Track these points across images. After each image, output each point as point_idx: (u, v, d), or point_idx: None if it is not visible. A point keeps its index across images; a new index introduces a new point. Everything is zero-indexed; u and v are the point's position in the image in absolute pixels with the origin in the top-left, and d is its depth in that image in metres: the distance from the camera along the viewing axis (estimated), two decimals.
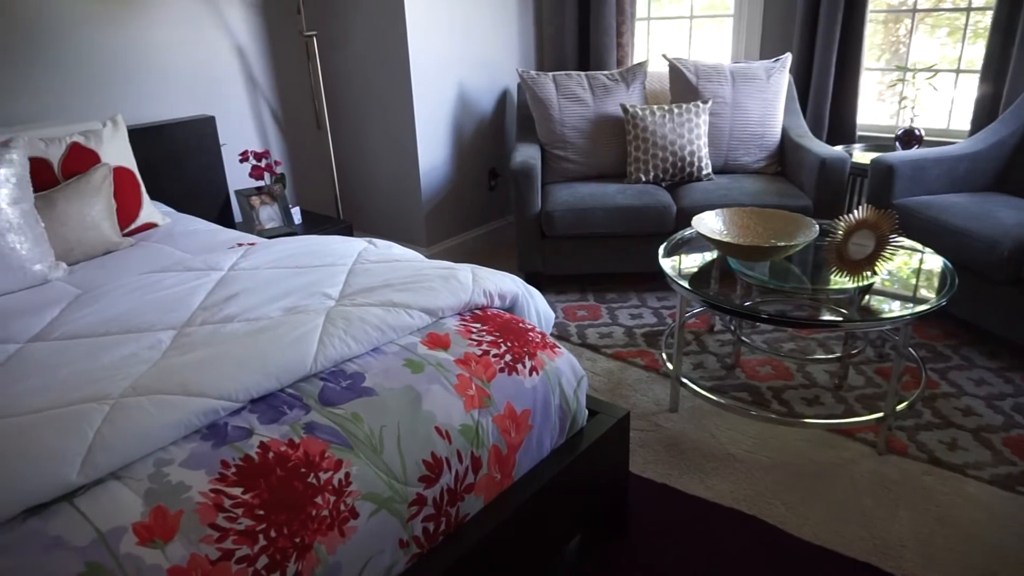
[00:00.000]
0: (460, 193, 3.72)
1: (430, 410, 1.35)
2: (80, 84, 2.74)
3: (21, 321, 1.58)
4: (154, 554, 1.02)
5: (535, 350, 1.58)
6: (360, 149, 3.68)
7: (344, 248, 1.92)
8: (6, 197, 1.93)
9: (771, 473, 2.04)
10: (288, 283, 1.68)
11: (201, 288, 1.69)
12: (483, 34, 3.61)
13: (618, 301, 3.18)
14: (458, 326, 1.57)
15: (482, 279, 1.70)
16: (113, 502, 1.07)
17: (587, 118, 3.36)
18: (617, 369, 2.63)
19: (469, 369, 1.46)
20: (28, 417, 1.18)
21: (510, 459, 1.45)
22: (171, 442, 1.18)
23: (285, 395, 1.31)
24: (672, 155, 3.19)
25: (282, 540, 1.10)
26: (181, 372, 1.27)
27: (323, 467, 1.19)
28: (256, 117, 3.40)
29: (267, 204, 3.11)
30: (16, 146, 2.00)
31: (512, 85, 3.88)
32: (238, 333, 1.42)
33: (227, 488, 1.12)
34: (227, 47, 3.21)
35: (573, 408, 1.60)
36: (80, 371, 1.32)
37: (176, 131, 2.92)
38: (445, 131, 3.54)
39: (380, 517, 1.21)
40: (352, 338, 1.41)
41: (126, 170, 2.42)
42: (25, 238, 1.96)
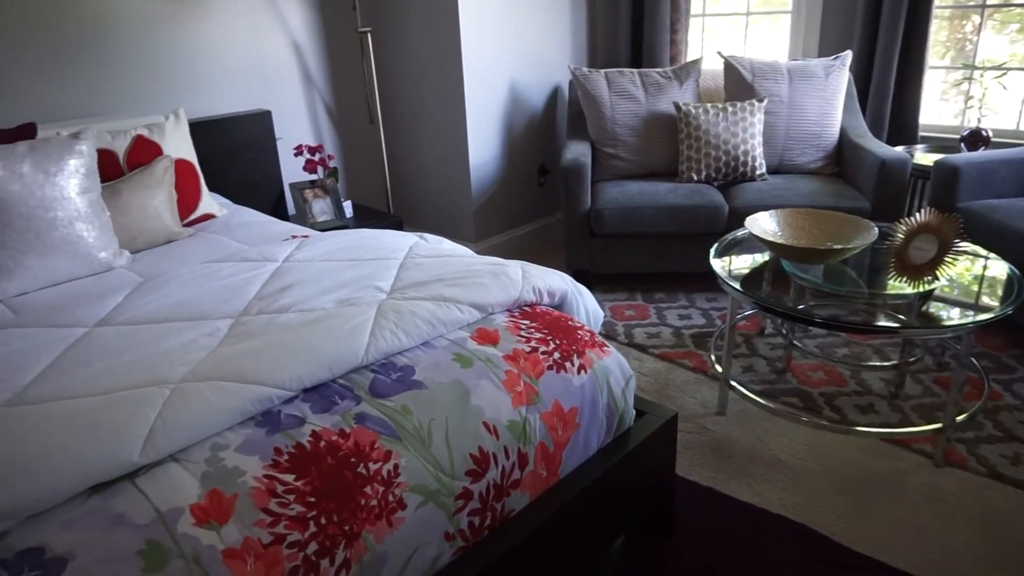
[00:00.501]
0: (509, 189, 3.73)
1: (478, 405, 1.36)
2: (145, 79, 2.83)
3: (89, 306, 1.64)
4: (210, 535, 1.05)
5: (584, 348, 1.57)
6: (411, 144, 3.72)
7: (396, 242, 1.94)
8: (76, 187, 2.00)
9: (821, 481, 2.00)
10: (341, 276, 1.70)
11: (257, 278, 1.73)
12: (535, 31, 3.61)
13: (667, 301, 3.14)
14: (507, 322, 1.58)
15: (532, 276, 1.70)
16: (172, 483, 1.11)
17: (639, 116, 3.33)
18: (664, 370, 2.61)
19: (518, 365, 1.46)
20: (95, 398, 1.23)
21: (556, 457, 1.45)
22: (227, 427, 1.22)
23: (337, 386, 1.34)
24: (725, 154, 3.14)
25: (332, 527, 1.12)
26: (238, 360, 1.30)
27: (372, 457, 1.21)
28: (311, 112, 3.47)
29: (320, 197, 3.16)
30: (85, 138, 2.08)
31: (564, 82, 3.86)
32: (292, 323, 1.45)
33: (280, 474, 1.14)
34: (285, 43, 3.27)
35: (621, 408, 1.59)
36: (143, 356, 1.37)
37: (234, 125, 2.99)
38: (496, 127, 3.55)
39: (427, 509, 1.22)
40: (403, 331, 1.43)
41: (187, 162, 2.49)
42: (92, 226, 2.03)
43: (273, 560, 1.06)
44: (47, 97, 2.60)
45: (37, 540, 1.00)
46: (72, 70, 2.63)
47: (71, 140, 2.05)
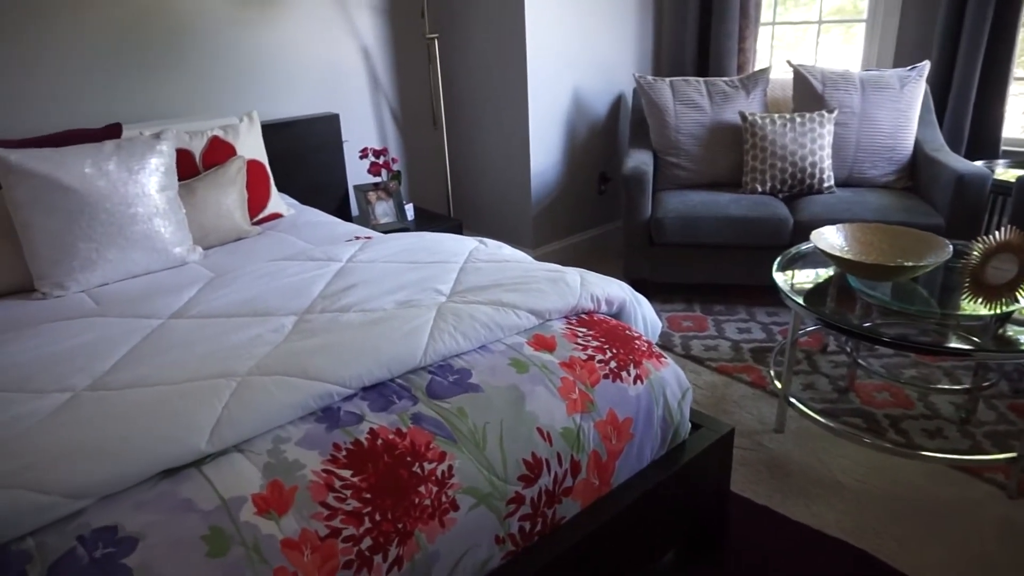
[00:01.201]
0: (569, 196, 3.73)
1: (533, 411, 1.36)
2: (222, 82, 2.94)
3: (164, 298, 1.72)
4: (269, 525, 1.08)
5: (640, 358, 1.56)
6: (473, 149, 3.76)
7: (456, 246, 1.97)
8: (155, 184, 2.10)
9: (883, 506, 1.93)
10: (402, 277, 1.74)
11: (321, 278, 1.78)
12: (601, 38, 3.60)
13: (725, 314, 3.09)
14: (564, 329, 1.58)
15: (590, 283, 1.70)
16: (235, 473, 1.15)
17: (703, 125, 3.29)
18: (721, 383, 2.56)
19: (573, 373, 1.46)
20: (168, 387, 1.28)
21: (609, 466, 1.44)
22: (289, 421, 1.26)
23: (395, 385, 1.36)
24: (792, 166, 3.07)
25: (386, 524, 1.14)
26: (301, 356, 1.34)
27: (428, 458, 1.23)
28: (377, 115, 3.54)
29: (383, 200, 3.23)
30: (166, 138, 2.18)
31: (627, 89, 3.85)
32: (354, 323, 1.49)
33: (338, 470, 1.17)
34: (354, 48, 3.36)
35: (676, 420, 1.57)
36: (213, 348, 1.42)
37: (303, 127, 3.08)
38: (557, 134, 3.56)
39: (479, 512, 1.24)
40: (461, 334, 1.45)
41: (258, 163, 2.58)
42: (169, 222, 2.12)
43: (329, 553, 1.09)
44: (132, 98, 2.73)
45: (111, 519, 1.06)
46: (155, 73, 2.76)
47: (153, 140, 2.15)
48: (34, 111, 2.52)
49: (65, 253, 1.97)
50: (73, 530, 1.04)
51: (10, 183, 1.94)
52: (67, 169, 1.98)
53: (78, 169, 1.99)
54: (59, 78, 2.55)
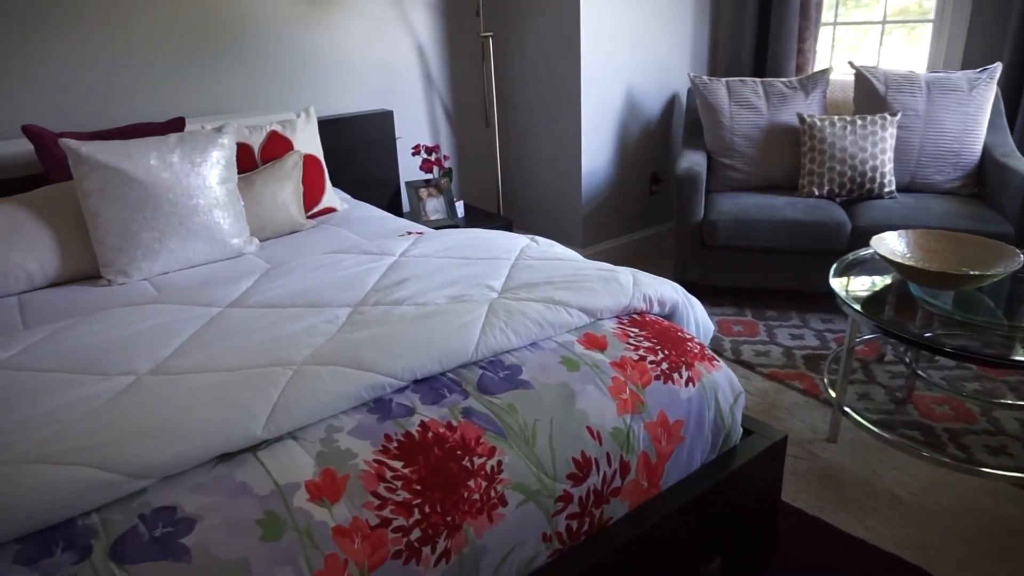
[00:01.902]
0: (620, 196, 3.70)
1: (583, 409, 1.36)
2: (280, 78, 3.00)
3: (223, 288, 1.76)
4: (322, 512, 1.10)
5: (693, 361, 1.54)
6: (524, 148, 3.76)
7: (508, 243, 1.97)
8: (216, 177, 2.15)
9: (942, 523, 1.86)
10: (454, 272, 1.75)
11: (375, 271, 1.80)
12: (655, 37, 3.57)
13: (778, 319, 3.03)
14: (615, 329, 1.57)
15: (643, 284, 1.68)
16: (290, 459, 1.17)
17: (759, 126, 3.22)
18: (772, 390, 2.51)
19: (624, 373, 1.45)
20: (226, 374, 1.31)
21: (659, 468, 1.42)
22: (342, 411, 1.27)
23: (446, 379, 1.37)
24: (851, 169, 2.99)
25: (435, 516, 1.15)
26: (355, 347, 1.36)
27: (477, 452, 1.23)
28: (429, 113, 3.57)
29: (434, 196, 3.25)
30: (227, 132, 2.23)
31: (682, 89, 3.80)
32: (407, 316, 1.50)
33: (389, 460, 1.18)
34: (409, 46, 3.39)
35: (728, 425, 1.55)
36: (269, 337, 1.45)
37: (358, 123, 3.13)
38: (610, 133, 3.53)
39: (527, 508, 1.23)
40: (512, 331, 1.45)
41: (314, 158, 2.62)
42: (228, 214, 2.18)
43: (379, 542, 1.10)
44: (195, 93, 2.81)
45: (170, 500, 1.09)
46: (218, 69, 2.83)
47: (215, 134, 2.20)
48: (103, 105, 2.61)
49: (129, 242, 2.04)
50: (135, 508, 1.07)
51: (81, 174, 2.01)
52: (134, 161, 2.04)
53: (144, 161, 2.06)
54: (127, 74, 2.63)
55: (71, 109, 2.56)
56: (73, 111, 2.56)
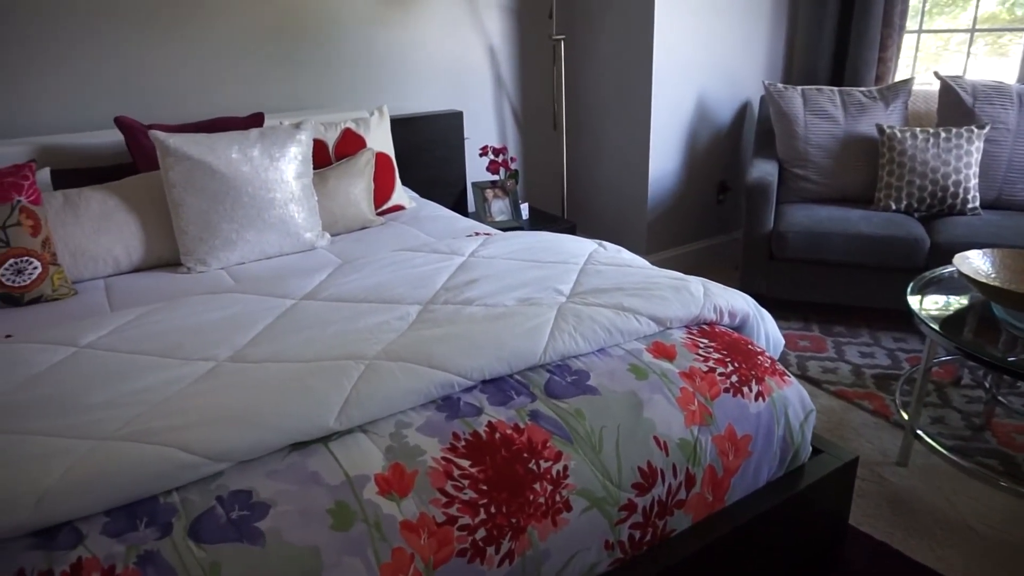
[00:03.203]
0: (686, 204, 3.65)
1: (650, 418, 1.34)
2: (355, 77, 3.07)
3: (296, 280, 1.81)
4: (390, 505, 1.12)
5: (763, 375, 1.51)
6: (591, 152, 3.75)
7: (576, 247, 1.96)
8: (293, 172, 2.21)
9: (1021, 557, 1.78)
10: (523, 275, 1.75)
11: (444, 270, 1.82)
12: (729, 44, 3.50)
13: (846, 336, 2.94)
14: (685, 339, 1.55)
15: (713, 294, 1.66)
16: (360, 452, 1.19)
17: (835, 137, 3.14)
18: (840, 409, 2.44)
19: (693, 384, 1.43)
20: (301, 364, 1.35)
21: (724, 482, 1.40)
22: (411, 407, 1.29)
23: (513, 381, 1.38)
24: (932, 184, 2.88)
25: (500, 517, 1.16)
26: (426, 345, 1.38)
27: (544, 456, 1.23)
28: (498, 114, 3.59)
29: (499, 198, 3.27)
30: (305, 129, 2.29)
31: (754, 97, 3.72)
32: (476, 316, 1.51)
33: (456, 459, 1.20)
34: (480, 47, 3.42)
35: (797, 442, 1.51)
36: (342, 331, 1.48)
37: (428, 123, 3.17)
38: (678, 140, 3.49)
39: (591, 515, 1.23)
40: (581, 336, 1.45)
41: (385, 156, 2.67)
42: (302, 208, 2.23)
43: (445, 539, 1.11)
44: (273, 89, 2.89)
45: (246, 484, 1.12)
46: (295, 67, 2.91)
47: (294, 130, 2.26)
48: (186, 99, 2.72)
49: (210, 232, 2.11)
50: (213, 490, 1.11)
51: (167, 164, 2.09)
52: (217, 154, 2.12)
53: (226, 154, 2.13)
54: (210, 69, 2.73)
55: (158, 102, 2.67)
56: (159, 104, 2.67)
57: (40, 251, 1.90)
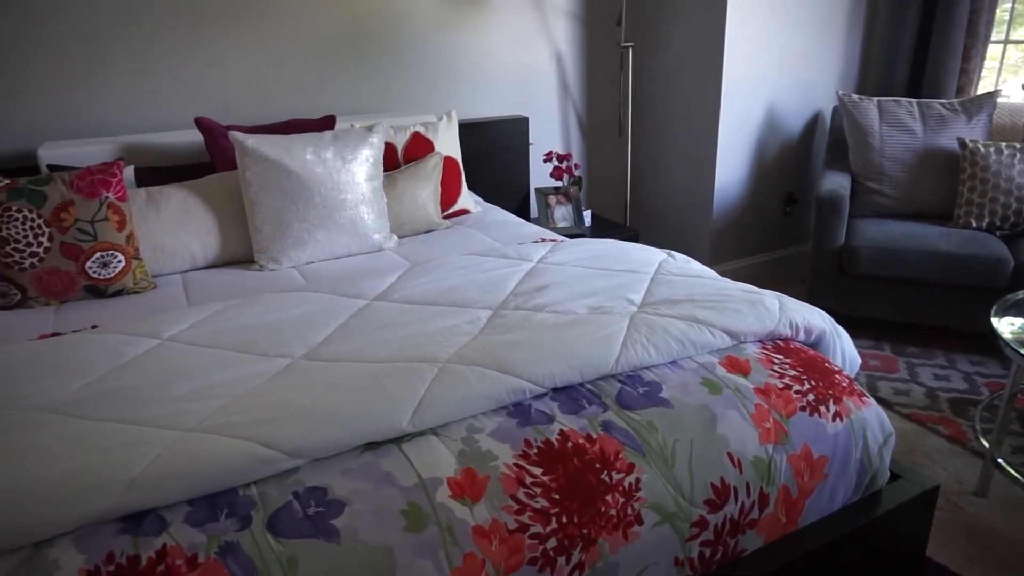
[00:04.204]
0: (752, 215, 3.58)
1: (724, 434, 1.31)
2: (424, 81, 3.11)
3: (368, 281, 1.83)
4: (463, 510, 1.12)
5: (841, 395, 1.46)
6: (656, 160, 3.71)
7: (645, 256, 1.94)
8: (364, 174, 2.25)
9: None
10: (592, 283, 1.74)
11: (514, 275, 1.82)
12: (802, 53, 3.42)
13: (920, 357, 2.83)
14: (759, 354, 1.51)
15: (789, 309, 1.62)
16: (433, 454, 1.20)
17: (913, 150, 3.03)
18: (912, 433, 2.35)
19: (768, 401, 1.39)
20: (374, 365, 1.37)
21: (799, 504, 1.36)
22: (482, 411, 1.29)
23: (584, 390, 1.37)
24: (1017, 201, 2.76)
25: (571, 527, 1.14)
26: (498, 350, 1.38)
27: (616, 467, 1.22)
28: (563, 120, 3.58)
29: (562, 204, 3.26)
30: (377, 132, 2.33)
31: (826, 108, 3.63)
32: (547, 323, 1.51)
33: (529, 466, 1.19)
34: (547, 53, 3.42)
35: (875, 466, 1.45)
36: (414, 333, 1.50)
37: (494, 128, 3.18)
38: (746, 149, 3.42)
39: (662, 530, 1.21)
40: (653, 346, 1.43)
41: (453, 160, 2.69)
42: (372, 210, 2.27)
43: (516, 546, 1.11)
44: (343, 92, 2.95)
45: (321, 481, 1.14)
46: (366, 71, 2.96)
47: (366, 132, 2.30)
48: (260, 101, 2.79)
49: (282, 231, 2.16)
50: (290, 486, 1.13)
51: (245, 164, 2.15)
52: (292, 155, 2.17)
53: (301, 155, 2.17)
54: (283, 72, 2.80)
55: (234, 103, 2.75)
56: (235, 105, 2.75)
57: (124, 245, 1.97)
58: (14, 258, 1.86)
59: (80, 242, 1.91)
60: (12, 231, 1.85)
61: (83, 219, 1.91)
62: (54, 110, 2.48)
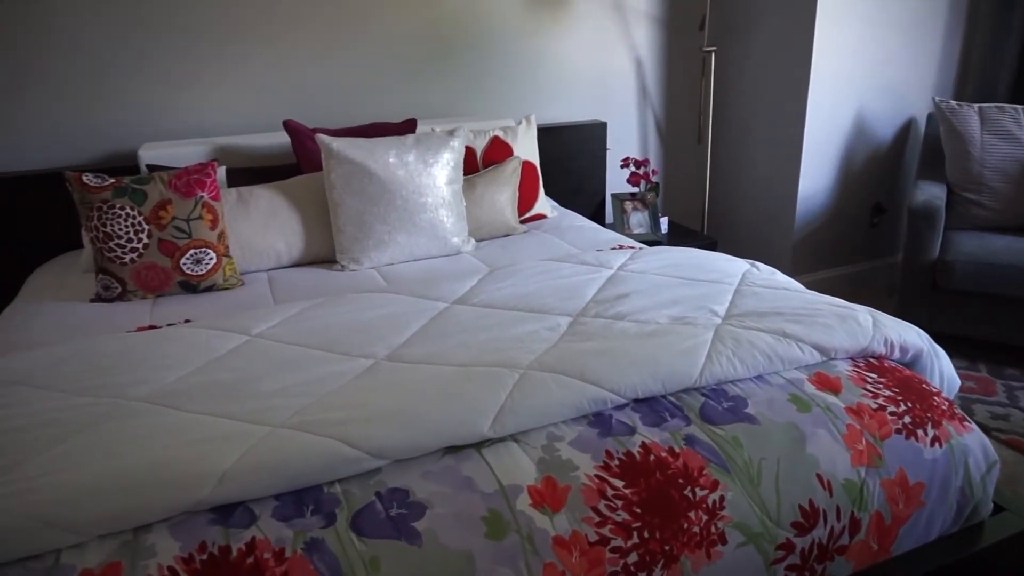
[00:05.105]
0: (837, 225, 3.44)
1: (814, 454, 1.26)
2: (503, 85, 3.12)
3: (447, 284, 1.84)
4: (543, 519, 1.11)
5: (940, 418, 1.38)
6: (736, 166, 3.62)
7: (728, 266, 1.89)
8: (445, 177, 2.27)
9: None
10: (674, 292, 1.70)
11: (593, 282, 1.80)
12: (895, 57, 3.28)
13: (1021, 379, 2.66)
14: (851, 371, 1.45)
15: (884, 325, 1.55)
16: (512, 461, 1.19)
17: (1018, 160, 2.86)
18: (1012, 461, 2.20)
19: (861, 421, 1.33)
20: (455, 368, 1.37)
21: (892, 531, 1.29)
22: (563, 420, 1.28)
23: (667, 402, 1.34)
24: None
25: (653, 543, 1.12)
26: (579, 358, 1.36)
27: (700, 483, 1.18)
28: (641, 125, 3.54)
29: (638, 210, 3.21)
30: (458, 135, 2.35)
31: (920, 114, 3.46)
32: (629, 332, 1.49)
33: (610, 478, 1.17)
34: (627, 58, 3.38)
35: (977, 496, 1.37)
36: (495, 337, 1.50)
37: (572, 133, 3.17)
38: (832, 158, 3.30)
39: (746, 551, 1.17)
40: (739, 360, 1.39)
41: (531, 164, 2.69)
42: (451, 213, 2.29)
43: (596, 559, 1.09)
44: (424, 96, 2.99)
45: (403, 483, 1.15)
46: (446, 74, 3.00)
47: (447, 136, 2.32)
48: (344, 104, 2.86)
49: (364, 232, 2.20)
50: (372, 486, 1.14)
51: (330, 166, 2.20)
52: (375, 158, 2.21)
53: (384, 158, 2.21)
54: (366, 76, 2.86)
55: (318, 107, 2.82)
56: (319, 109, 2.82)
57: (216, 243, 2.05)
58: (116, 253, 1.96)
59: (176, 239, 1.99)
60: (115, 227, 1.94)
61: (179, 217, 1.99)
62: (153, 113, 2.60)
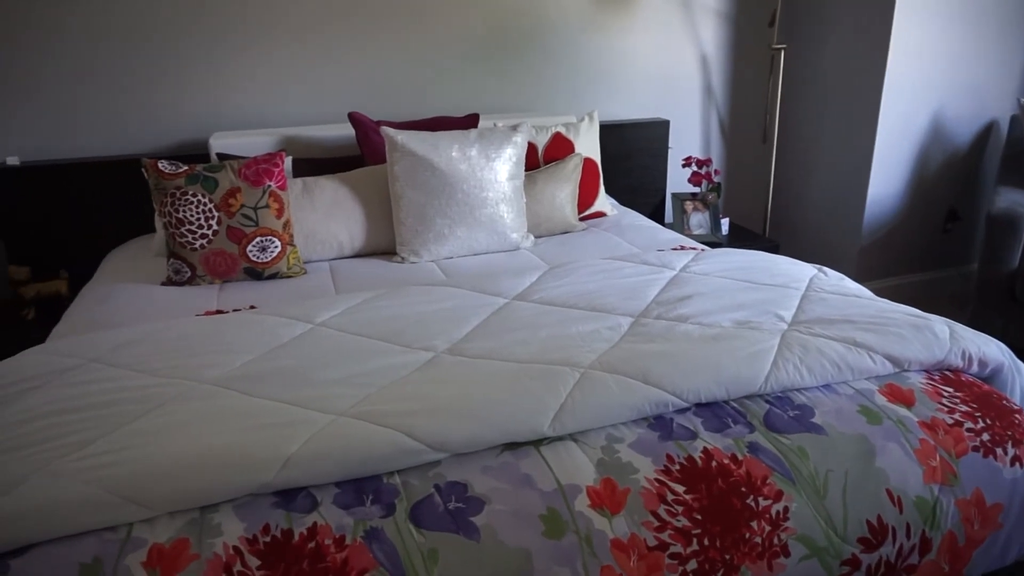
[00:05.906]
0: (907, 231, 3.32)
1: (883, 468, 1.22)
2: (566, 82, 3.10)
3: (507, 280, 1.84)
4: (602, 521, 1.10)
5: (1022, 437, 1.32)
6: (802, 168, 3.52)
7: (795, 271, 1.84)
8: (506, 172, 2.27)
9: None
10: (739, 296, 1.67)
11: (655, 283, 1.77)
12: (974, 56, 3.13)
13: None
14: (925, 384, 1.39)
15: (962, 338, 1.48)
16: (572, 461, 1.19)
17: None
18: None
19: (935, 436, 1.28)
20: (515, 364, 1.37)
21: (965, 554, 1.24)
22: (623, 421, 1.27)
23: (730, 408, 1.31)
24: None
25: (713, 551, 1.10)
26: (641, 359, 1.34)
27: (763, 493, 1.16)
28: (704, 124, 3.47)
29: (699, 211, 3.16)
30: (521, 131, 2.34)
31: (1003, 116, 3.30)
32: (692, 335, 1.46)
33: (671, 482, 1.15)
34: (692, 55, 3.32)
35: None
36: (555, 335, 1.49)
37: (634, 131, 3.13)
38: (904, 161, 3.18)
39: (810, 565, 1.14)
40: (807, 368, 1.35)
41: (592, 161, 2.67)
42: (511, 209, 2.28)
43: (654, 564, 1.07)
44: (486, 91, 2.99)
45: (461, 477, 1.15)
46: (509, 70, 2.99)
47: (510, 131, 2.32)
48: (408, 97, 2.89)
49: (425, 225, 2.22)
50: (431, 478, 1.15)
51: (394, 159, 2.22)
52: (439, 152, 2.22)
53: (447, 152, 2.22)
54: (430, 70, 2.88)
55: (382, 100, 2.85)
56: (383, 102, 2.86)
57: (281, 232, 2.10)
58: (187, 238, 2.02)
59: (244, 226, 2.04)
60: (187, 214, 2.00)
61: (248, 205, 2.04)
62: (224, 103, 2.67)
